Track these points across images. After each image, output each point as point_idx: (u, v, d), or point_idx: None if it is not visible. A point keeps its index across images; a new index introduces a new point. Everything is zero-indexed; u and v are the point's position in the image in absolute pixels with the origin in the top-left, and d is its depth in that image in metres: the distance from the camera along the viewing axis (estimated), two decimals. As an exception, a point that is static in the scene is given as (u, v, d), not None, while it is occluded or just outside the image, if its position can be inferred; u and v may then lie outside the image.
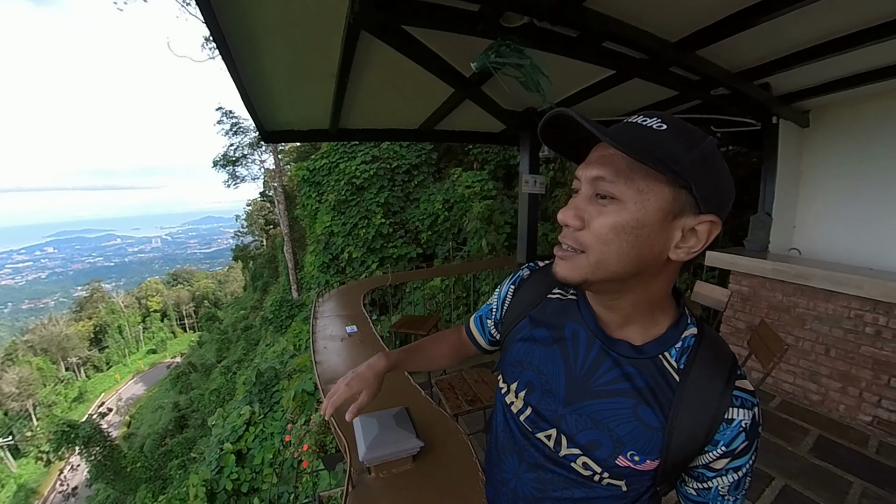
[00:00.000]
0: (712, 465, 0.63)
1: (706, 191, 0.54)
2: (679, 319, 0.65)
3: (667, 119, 0.55)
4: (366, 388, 0.86)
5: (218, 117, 17.90)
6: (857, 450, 2.56)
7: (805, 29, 2.10)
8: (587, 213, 0.58)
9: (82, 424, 12.07)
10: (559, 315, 0.74)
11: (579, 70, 2.40)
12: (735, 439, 0.60)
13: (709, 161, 0.54)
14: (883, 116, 3.00)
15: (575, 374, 0.68)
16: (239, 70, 2.02)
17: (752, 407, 0.61)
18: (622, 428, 0.63)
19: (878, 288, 2.58)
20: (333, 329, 2.16)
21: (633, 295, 0.62)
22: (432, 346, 0.99)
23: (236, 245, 27.24)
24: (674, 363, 0.63)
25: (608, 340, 0.66)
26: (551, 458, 0.71)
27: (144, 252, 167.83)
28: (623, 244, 0.55)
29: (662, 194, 0.54)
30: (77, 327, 43.93)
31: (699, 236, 0.56)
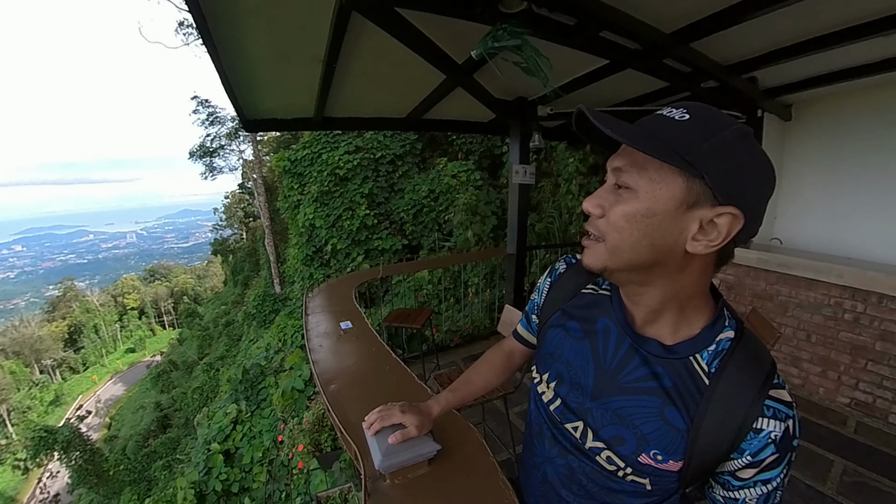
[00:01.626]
0: (738, 473, 0.61)
1: (722, 180, 0.52)
2: (716, 321, 0.63)
3: (693, 109, 0.55)
4: (417, 425, 0.90)
5: (193, 106, 17.36)
6: (836, 430, 2.68)
7: (793, 25, 2.13)
8: (607, 202, 0.59)
9: (60, 429, 11.68)
10: (591, 309, 0.75)
11: (573, 59, 2.38)
12: (763, 450, 0.58)
13: (728, 150, 0.52)
14: (859, 113, 3.10)
15: (603, 369, 0.69)
16: (220, 54, 1.90)
17: (785, 419, 0.58)
18: (647, 426, 0.63)
19: (857, 276, 2.69)
20: (327, 326, 2.09)
21: (659, 289, 0.61)
22: (476, 377, 1.00)
23: (215, 239, 26.65)
24: (705, 366, 0.62)
25: (638, 338, 0.66)
26: (578, 447, 0.72)
27: (119, 248, 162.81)
28: (634, 232, 0.56)
29: (675, 184, 0.53)
30: (50, 328, 42.59)
31: (720, 229, 0.54)
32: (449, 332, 4.31)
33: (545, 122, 3.46)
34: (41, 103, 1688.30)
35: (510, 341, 1.01)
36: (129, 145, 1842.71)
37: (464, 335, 4.25)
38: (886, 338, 2.65)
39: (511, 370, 1.02)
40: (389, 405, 0.94)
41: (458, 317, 5.05)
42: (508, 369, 1.02)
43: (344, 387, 1.36)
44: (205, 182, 19.58)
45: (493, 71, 2.56)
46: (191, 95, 17.52)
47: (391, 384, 1.38)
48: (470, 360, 3.80)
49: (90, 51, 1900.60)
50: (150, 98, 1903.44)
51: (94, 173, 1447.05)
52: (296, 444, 2.86)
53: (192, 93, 17.59)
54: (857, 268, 2.73)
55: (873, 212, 3.09)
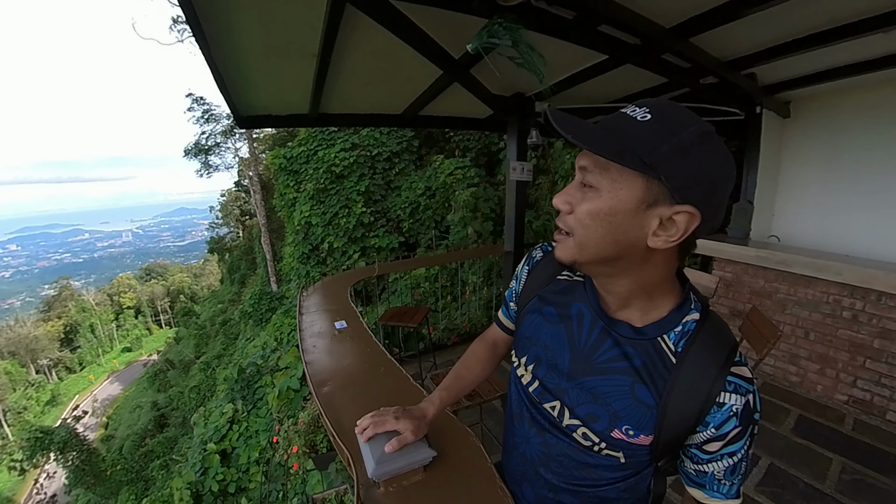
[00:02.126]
0: (705, 447, 0.65)
1: (680, 182, 0.55)
2: (682, 304, 0.67)
3: (655, 108, 0.57)
4: (413, 430, 0.88)
5: (188, 104, 17.24)
6: (834, 428, 2.68)
7: (793, 21, 2.11)
8: (574, 199, 0.62)
9: (56, 430, 11.62)
10: (566, 295, 0.78)
11: (571, 54, 2.34)
12: (726, 423, 0.62)
13: (686, 151, 0.54)
14: (858, 110, 3.08)
15: (578, 350, 0.73)
16: (212, 49, 1.85)
17: (745, 393, 0.62)
18: (618, 403, 0.68)
19: (857, 274, 2.68)
20: (321, 325, 2.05)
21: (627, 279, 0.65)
22: (465, 372, 1.02)
23: (211, 237, 26.50)
24: (672, 346, 0.66)
25: (609, 321, 0.70)
26: (556, 425, 0.76)
27: (115, 247, 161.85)
28: (599, 229, 0.59)
29: (635, 184, 0.56)
30: (46, 328, 42.30)
31: (678, 226, 0.57)
32: (446, 331, 4.28)
33: (541, 118, 3.43)
34: (35, 101, 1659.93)
35: (493, 331, 1.04)
36: (124, 143, 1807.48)
37: (461, 333, 4.23)
38: (885, 335, 2.64)
39: (498, 359, 1.05)
40: (383, 410, 0.92)
41: (456, 314, 5.02)
42: (495, 359, 1.04)
43: (337, 389, 1.32)
44: (201, 180, 19.51)
45: (490, 66, 2.52)
46: (185, 93, 17.43)
47: (386, 386, 1.35)
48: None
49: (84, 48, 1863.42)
50: (145, 95, 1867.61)
51: (89, 171, 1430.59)
52: (291, 445, 2.83)
53: (187, 90, 17.48)
54: (856, 265, 2.72)
55: (872, 209, 3.07)
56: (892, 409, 2.66)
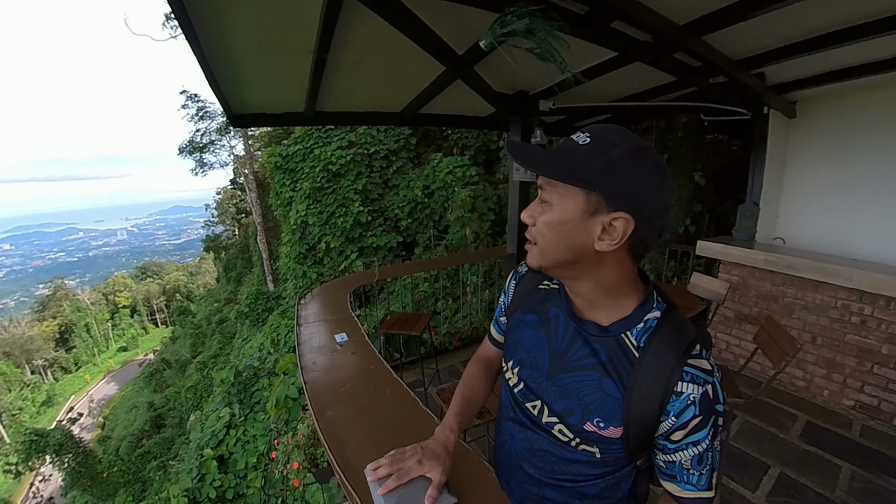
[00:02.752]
0: (670, 436, 0.69)
1: (611, 192, 0.64)
2: (644, 303, 0.74)
3: (595, 133, 0.67)
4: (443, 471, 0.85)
5: (182, 101, 17.02)
6: (842, 434, 2.67)
7: (805, 20, 2.08)
8: (536, 213, 0.72)
9: (51, 432, 11.49)
10: (545, 302, 0.86)
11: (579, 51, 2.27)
12: (684, 411, 0.67)
13: (615, 166, 0.64)
14: (865, 110, 3.05)
15: (555, 351, 0.80)
16: (202, 45, 1.75)
17: (703, 384, 0.67)
18: (589, 397, 0.73)
19: (867, 279, 2.66)
20: (321, 338, 1.95)
21: (587, 281, 0.73)
22: (472, 394, 1.04)
23: (207, 235, 26.28)
24: (634, 341, 0.72)
25: (580, 322, 0.77)
26: (536, 423, 0.82)
27: (109, 245, 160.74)
28: (553, 237, 0.69)
29: (577, 197, 0.66)
30: (41, 328, 41.98)
31: (617, 230, 0.65)
32: (448, 335, 4.20)
33: (546, 116, 3.34)
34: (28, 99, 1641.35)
35: (486, 349, 1.10)
36: (118, 141, 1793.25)
37: (463, 338, 4.15)
38: (893, 341, 2.63)
39: (495, 375, 1.10)
40: (399, 452, 0.87)
41: (457, 317, 4.94)
42: (493, 375, 1.10)
43: (340, 416, 1.23)
44: (196, 178, 19.29)
45: (494, 63, 2.43)
46: (179, 90, 17.20)
47: (394, 412, 1.26)
48: (469, 364, 3.70)
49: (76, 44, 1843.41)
50: (139, 93, 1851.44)
51: (83, 170, 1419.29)
52: (290, 461, 2.74)
53: (181, 87, 17.28)
54: (865, 270, 2.70)
55: (879, 211, 3.04)
56: None
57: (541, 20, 1.41)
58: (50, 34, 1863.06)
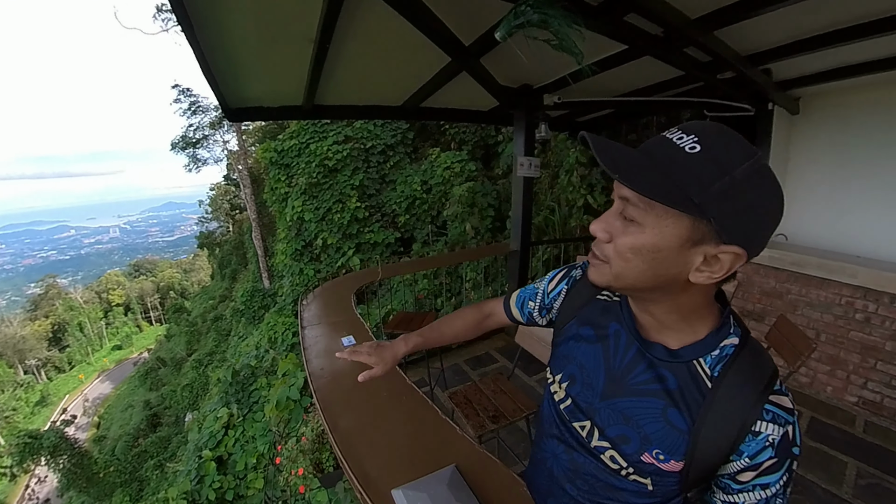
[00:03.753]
0: (738, 476, 0.62)
1: (729, 223, 0.53)
2: (720, 328, 0.65)
3: (705, 138, 0.53)
4: (382, 364, 0.95)
5: (174, 95, 16.77)
6: (846, 430, 2.68)
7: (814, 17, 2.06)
8: (614, 229, 0.60)
9: (46, 434, 11.37)
10: (604, 315, 0.78)
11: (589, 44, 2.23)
12: (760, 453, 0.60)
13: (737, 191, 0.52)
14: (868, 108, 3.03)
15: (613, 371, 0.72)
16: (198, 36, 1.67)
17: (784, 424, 0.60)
18: (650, 426, 0.66)
19: (872, 276, 2.68)
20: (327, 342, 1.88)
21: (663, 305, 0.64)
22: (447, 329, 1.06)
23: (201, 232, 26.10)
24: (708, 370, 0.64)
25: (645, 343, 0.69)
26: (584, 445, 0.76)
27: (102, 243, 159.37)
28: (640, 264, 0.58)
29: (681, 223, 0.54)
30: (33, 327, 41.57)
31: (722, 264, 0.56)
32: (450, 332, 4.15)
33: (549, 111, 3.28)
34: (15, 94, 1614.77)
35: (493, 305, 1.06)
36: (110, 137, 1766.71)
37: (465, 335, 4.10)
38: None
39: (482, 330, 1.08)
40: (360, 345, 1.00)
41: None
42: (480, 329, 1.07)
43: (355, 426, 1.17)
44: (189, 174, 19.07)
45: (499, 56, 2.36)
46: (171, 84, 16.96)
47: (412, 421, 1.20)
48: (474, 363, 3.69)
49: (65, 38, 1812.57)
50: (130, 87, 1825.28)
51: (73, 166, 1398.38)
52: (295, 467, 2.68)
53: (173, 81, 17.03)
54: (871, 268, 2.72)
55: (883, 208, 3.03)
56: None
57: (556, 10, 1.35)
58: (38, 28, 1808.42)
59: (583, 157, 5.18)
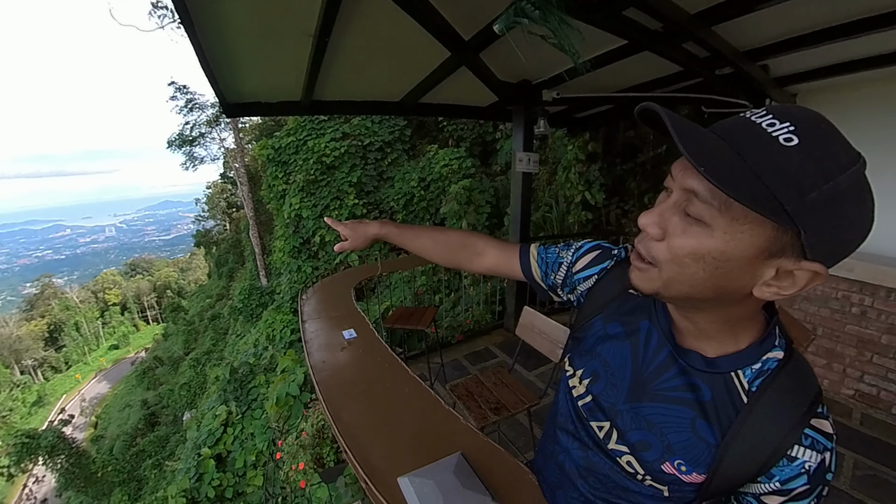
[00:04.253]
0: (763, 498, 0.57)
1: (820, 238, 0.44)
2: (765, 339, 0.59)
3: (803, 126, 0.44)
4: (353, 240, 0.97)
5: (171, 93, 16.66)
6: (843, 422, 2.72)
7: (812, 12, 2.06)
8: (671, 225, 0.51)
9: (43, 433, 11.33)
10: (635, 312, 0.71)
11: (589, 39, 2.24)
12: (794, 479, 0.55)
13: (840, 201, 0.43)
14: (865, 104, 3.04)
15: (640, 373, 0.67)
16: (197, 30, 1.66)
17: (822, 451, 0.54)
18: (675, 436, 0.62)
19: (868, 271, 2.70)
20: (328, 335, 1.88)
21: (710, 314, 0.57)
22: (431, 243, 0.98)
23: (197, 230, 25.99)
24: (746, 384, 0.58)
25: (679, 349, 0.63)
26: (600, 446, 0.71)
27: (98, 242, 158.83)
28: (699, 272, 0.50)
29: (761, 231, 0.45)
30: (29, 327, 41.35)
31: (797, 282, 0.48)
32: (450, 328, 4.16)
33: (548, 106, 3.28)
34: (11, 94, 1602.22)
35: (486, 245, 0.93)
36: (105, 135, 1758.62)
37: (465, 331, 4.10)
38: (893, 331, 2.66)
39: (455, 263, 0.97)
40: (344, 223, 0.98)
41: (457, 310, 4.90)
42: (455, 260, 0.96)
43: (358, 418, 1.17)
44: (186, 172, 18.99)
45: (498, 51, 2.36)
46: (168, 81, 16.86)
47: (415, 411, 1.20)
48: (473, 358, 3.69)
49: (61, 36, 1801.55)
50: (126, 85, 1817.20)
51: (69, 165, 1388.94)
52: (296, 461, 2.68)
53: (170, 78, 16.94)
54: (867, 262, 2.73)
55: (879, 204, 3.01)
56: None
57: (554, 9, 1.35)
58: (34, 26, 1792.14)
59: (581, 154, 5.18)
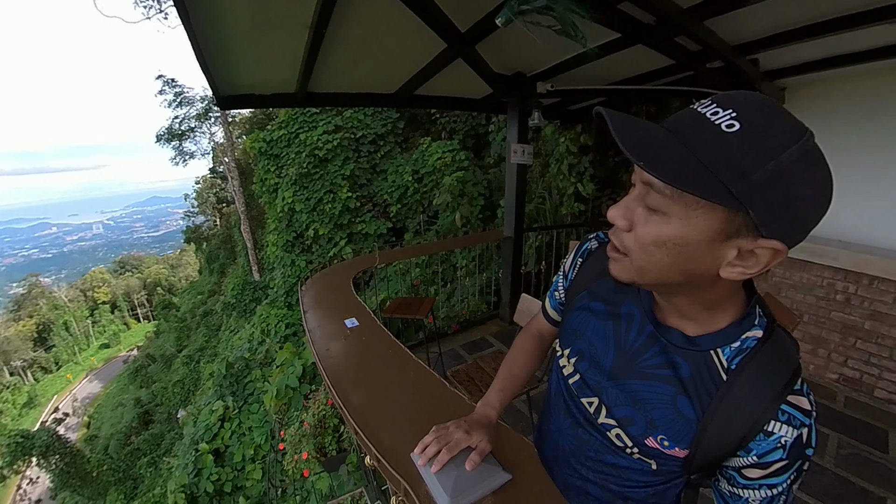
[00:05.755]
0: (744, 472, 0.60)
1: (770, 215, 0.46)
2: (744, 319, 0.61)
3: (745, 113, 0.46)
4: (489, 439, 0.83)
5: (159, 86, 16.39)
6: (827, 405, 2.80)
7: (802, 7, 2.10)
8: (636, 216, 0.55)
9: (37, 433, 11.19)
10: (618, 292, 0.74)
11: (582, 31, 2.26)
12: (770, 453, 0.57)
13: (785, 179, 0.45)
14: (851, 98, 3.10)
15: (623, 351, 0.70)
16: (193, 20, 1.65)
17: (799, 426, 0.57)
18: (657, 412, 0.65)
19: (852, 259, 2.78)
20: (330, 324, 1.90)
21: (688, 297, 0.60)
22: (518, 370, 0.96)
23: (187, 226, 25.64)
24: (725, 362, 0.61)
25: (660, 327, 0.66)
26: (590, 421, 0.75)
27: (85, 240, 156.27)
28: (664, 258, 0.53)
29: (714, 214, 0.48)
30: (17, 328, 40.72)
31: (759, 260, 0.50)
32: (446, 319, 4.19)
33: (542, 98, 3.30)
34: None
35: (538, 323, 1.00)
36: (91, 131, 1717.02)
37: (461, 321, 4.14)
38: (875, 317, 2.74)
39: (545, 352, 1.01)
40: (441, 427, 0.84)
41: (454, 300, 4.93)
42: (542, 351, 1.00)
43: (367, 402, 1.20)
44: (175, 167, 18.74)
45: (493, 43, 2.37)
46: (156, 75, 16.56)
47: (422, 394, 1.23)
48: (470, 347, 3.74)
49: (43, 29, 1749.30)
50: (112, 79, 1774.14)
51: (54, 162, 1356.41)
52: (299, 451, 2.70)
53: (157, 72, 16.64)
54: (851, 251, 2.81)
55: (863, 195, 3.10)
56: (880, 386, 2.78)
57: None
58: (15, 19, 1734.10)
59: (573, 146, 5.21)
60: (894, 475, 2.17)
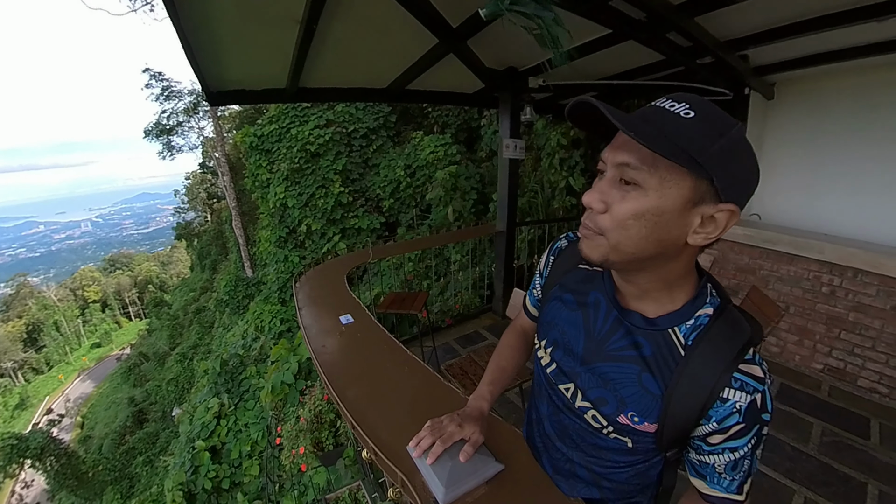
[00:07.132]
0: (708, 438, 0.66)
1: (728, 181, 0.56)
2: (696, 298, 0.68)
3: (695, 105, 0.56)
4: (479, 429, 0.88)
5: (146, 80, 16.05)
6: (812, 394, 2.87)
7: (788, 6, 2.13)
8: (610, 197, 0.60)
9: (31, 435, 11.05)
10: (585, 283, 0.80)
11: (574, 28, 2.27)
12: (728, 418, 0.63)
13: (734, 150, 0.56)
14: (838, 94, 3.14)
15: (593, 337, 0.76)
16: (180, 14, 1.62)
17: (752, 392, 0.62)
18: (626, 390, 0.70)
19: (837, 252, 2.84)
20: (325, 321, 1.92)
21: (651, 273, 0.66)
22: (506, 363, 1.02)
23: (178, 223, 25.30)
24: (682, 339, 0.67)
25: (623, 311, 0.72)
26: (569, 406, 0.80)
27: (73, 238, 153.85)
28: (642, 229, 0.58)
29: (684, 183, 0.56)
30: (6, 328, 40.10)
31: (718, 223, 0.58)
32: (440, 313, 4.22)
33: (534, 93, 3.31)
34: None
35: (521, 320, 1.07)
36: (78, 127, 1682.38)
37: (454, 315, 4.17)
38: (859, 309, 2.80)
39: (530, 346, 1.06)
40: (436, 421, 0.90)
41: (447, 295, 4.95)
42: (528, 346, 1.06)
43: (363, 396, 1.22)
44: (163, 163, 18.47)
45: (485, 38, 2.37)
46: (142, 68, 16.22)
47: (417, 389, 1.25)
48: (464, 341, 3.77)
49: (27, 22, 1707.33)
50: (98, 73, 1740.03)
51: (41, 159, 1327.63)
52: (296, 447, 2.71)
53: (144, 65, 16.30)
54: (836, 244, 2.86)
55: (850, 190, 3.17)
56: (863, 376, 2.85)
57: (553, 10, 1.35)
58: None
59: (564, 140, 5.23)
60: (875, 461, 2.23)
